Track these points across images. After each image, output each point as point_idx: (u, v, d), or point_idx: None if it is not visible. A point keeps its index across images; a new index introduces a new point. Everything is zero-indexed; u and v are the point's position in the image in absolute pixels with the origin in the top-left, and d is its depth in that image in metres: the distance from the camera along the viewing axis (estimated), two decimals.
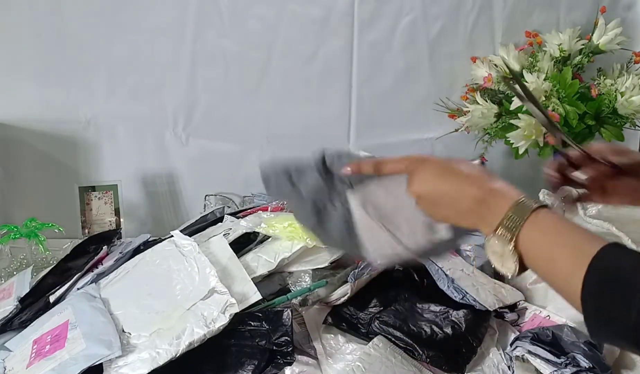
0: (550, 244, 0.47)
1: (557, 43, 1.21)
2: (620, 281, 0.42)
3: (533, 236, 0.48)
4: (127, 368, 0.72)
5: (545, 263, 0.48)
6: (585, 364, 0.72)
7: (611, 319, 0.42)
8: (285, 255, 0.91)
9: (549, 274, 0.48)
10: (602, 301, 0.43)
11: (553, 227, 0.48)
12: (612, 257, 0.43)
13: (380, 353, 0.79)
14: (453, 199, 0.54)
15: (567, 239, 0.47)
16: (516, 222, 0.48)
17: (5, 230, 1.15)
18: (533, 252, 0.48)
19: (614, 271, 0.42)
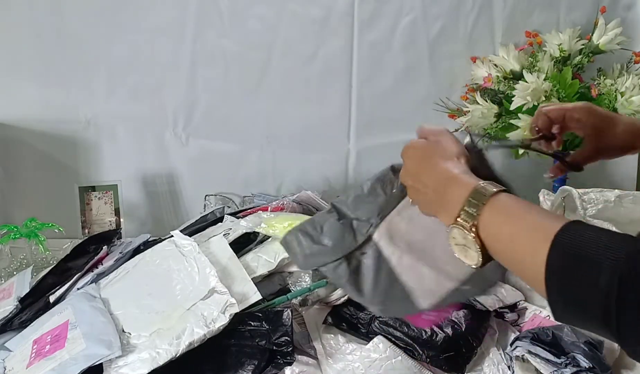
0: (510, 227, 0.46)
1: (557, 43, 1.21)
2: (584, 259, 0.40)
3: (493, 220, 0.46)
4: (127, 368, 0.72)
5: (507, 246, 0.46)
6: (585, 365, 0.72)
7: (577, 298, 0.40)
8: (285, 255, 0.91)
9: (512, 258, 0.46)
10: (566, 280, 0.41)
11: (513, 209, 0.46)
12: (574, 235, 0.41)
13: (380, 353, 0.79)
14: (422, 189, 0.55)
15: (528, 220, 0.45)
16: (475, 208, 0.47)
17: (5, 230, 1.15)
18: (494, 237, 0.47)
19: (577, 249, 0.40)
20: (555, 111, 0.71)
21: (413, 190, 0.57)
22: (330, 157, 1.38)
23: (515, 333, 0.87)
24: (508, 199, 0.47)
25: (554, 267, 0.41)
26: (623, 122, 0.70)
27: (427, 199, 0.54)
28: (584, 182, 1.33)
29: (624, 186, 1.35)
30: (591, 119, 0.69)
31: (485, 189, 0.48)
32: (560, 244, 0.41)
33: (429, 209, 0.55)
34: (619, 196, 0.95)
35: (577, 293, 0.40)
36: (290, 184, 1.39)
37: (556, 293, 0.41)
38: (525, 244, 0.44)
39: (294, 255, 0.67)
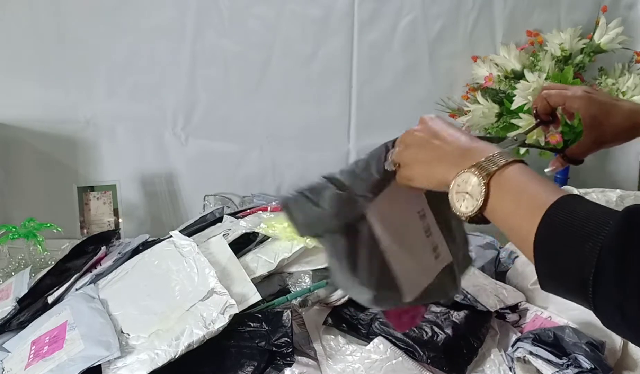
0: (516, 190, 0.47)
1: (558, 42, 1.21)
2: (569, 230, 0.41)
3: (504, 180, 0.47)
4: (125, 369, 0.71)
5: (506, 208, 0.47)
6: (586, 365, 0.71)
7: (559, 268, 0.42)
8: (285, 256, 0.91)
9: (507, 221, 0.47)
10: (551, 249, 0.42)
11: (523, 178, 0.47)
12: (565, 207, 0.43)
13: (380, 354, 0.79)
14: (443, 141, 0.54)
15: (532, 189, 0.46)
16: (493, 164, 0.48)
17: (4, 230, 1.14)
18: (499, 195, 0.47)
19: (565, 220, 0.42)
20: (554, 98, 0.70)
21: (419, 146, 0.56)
22: (330, 157, 1.38)
23: (516, 334, 0.86)
24: (524, 168, 0.49)
25: (542, 237, 0.43)
26: (622, 109, 0.68)
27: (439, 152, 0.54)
28: (585, 182, 1.33)
29: (625, 186, 1.34)
30: (591, 110, 0.68)
31: (506, 155, 0.49)
32: (550, 215, 0.43)
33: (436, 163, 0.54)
34: (621, 196, 0.95)
35: (559, 263, 0.42)
36: (290, 184, 1.38)
37: (542, 262, 0.43)
38: (524, 210, 0.45)
39: (294, 219, 0.65)
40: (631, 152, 1.38)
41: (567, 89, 0.70)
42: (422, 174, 0.56)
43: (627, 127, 0.67)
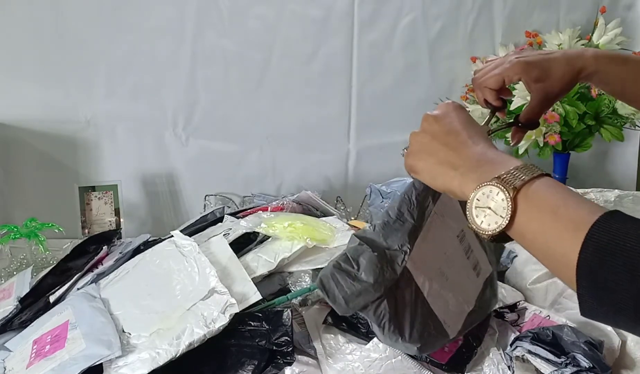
0: (548, 207, 0.42)
1: (557, 43, 1.21)
2: (619, 253, 0.38)
3: (533, 195, 0.43)
4: (127, 368, 0.72)
5: (537, 228, 0.43)
6: (585, 364, 0.72)
7: (610, 295, 0.38)
8: (285, 255, 0.91)
9: (538, 241, 0.43)
10: (600, 275, 0.39)
11: (555, 192, 0.43)
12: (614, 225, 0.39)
13: (380, 353, 0.79)
14: (459, 143, 0.51)
15: (567, 206, 0.42)
16: (521, 177, 0.44)
17: (5, 230, 1.15)
18: (529, 212, 0.43)
19: (616, 241, 0.38)
20: (493, 81, 0.67)
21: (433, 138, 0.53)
22: (330, 157, 1.38)
23: (515, 333, 0.87)
24: (553, 181, 0.45)
25: (588, 261, 0.39)
26: (559, 60, 0.65)
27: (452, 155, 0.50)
28: (583, 182, 1.33)
29: (623, 186, 1.35)
30: (530, 74, 0.65)
31: (533, 167, 0.45)
32: (594, 236, 0.39)
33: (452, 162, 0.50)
34: (619, 196, 0.95)
35: (611, 290, 0.38)
36: (290, 184, 1.39)
37: (589, 288, 0.39)
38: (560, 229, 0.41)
39: (335, 298, 0.62)
40: (629, 152, 1.38)
41: (497, 66, 0.67)
42: (428, 171, 0.53)
43: (570, 76, 0.65)
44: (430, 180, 0.53)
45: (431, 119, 0.56)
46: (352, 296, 0.61)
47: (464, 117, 0.55)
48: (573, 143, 1.22)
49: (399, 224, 0.62)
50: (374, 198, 1.21)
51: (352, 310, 0.64)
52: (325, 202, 1.18)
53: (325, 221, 1.04)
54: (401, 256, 0.61)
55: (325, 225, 1.01)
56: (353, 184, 1.39)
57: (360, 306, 0.62)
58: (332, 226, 1.01)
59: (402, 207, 0.62)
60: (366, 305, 0.62)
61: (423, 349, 0.64)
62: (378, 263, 0.61)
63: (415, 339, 0.63)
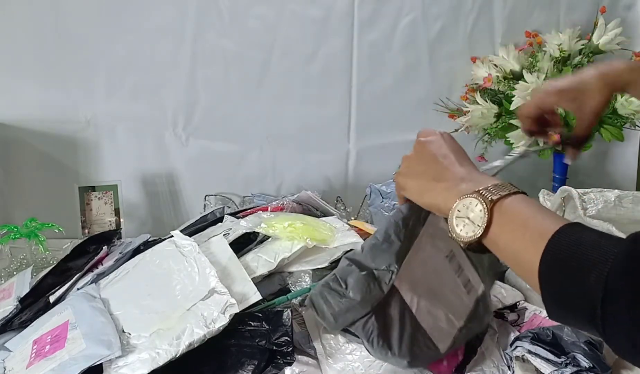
0: (518, 219, 0.47)
1: (557, 43, 1.21)
2: (574, 259, 0.41)
3: (507, 209, 0.48)
4: (126, 368, 0.72)
5: (507, 238, 0.47)
6: (585, 364, 0.72)
7: (566, 298, 0.41)
8: (285, 255, 0.91)
9: (508, 250, 0.47)
10: (557, 279, 0.42)
11: (526, 207, 0.48)
12: (568, 236, 0.43)
13: None
14: (447, 164, 0.56)
15: (534, 219, 0.46)
16: (498, 192, 0.49)
17: (5, 230, 1.15)
18: (501, 223, 0.48)
19: (569, 250, 0.42)
20: (533, 111, 0.73)
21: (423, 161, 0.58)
22: (330, 157, 1.38)
23: (515, 333, 0.87)
24: (526, 198, 0.49)
25: (547, 266, 0.42)
26: (590, 77, 0.69)
27: (440, 174, 0.55)
28: (583, 182, 1.33)
29: (623, 186, 1.35)
30: (566, 98, 0.70)
31: (509, 185, 0.50)
32: (553, 245, 0.42)
33: (435, 182, 0.55)
34: (619, 196, 0.95)
35: (566, 293, 0.41)
36: (290, 184, 1.39)
37: (548, 292, 0.43)
38: (527, 240, 0.45)
39: (323, 315, 0.67)
40: (629, 152, 1.38)
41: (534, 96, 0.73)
42: (416, 188, 0.58)
43: (605, 90, 0.68)
44: (418, 197, 0.58)
45: (423, 144, 0.60)
46: (340, 312, 0.66)
47: (452, 143, 0.60)
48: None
49: (387, 246, 0.66)
50: (374, 198, 1.21)
51: (340, 326, 0.68)
52: (325, 202, 1.18)
53: (325, 221, 1.04)
54: (389, 275, 0.65)
55: (325, 225, 1.01)
56: (353, 184, 1.39)
57: (349, 322, 0.66)
58: (332, 226, 1.01)
59: (389, 230, 0.66)
60: (354, 321, 0.66)
61: (413, 363, 0.67)
62: (365, 282, 0.65)
63: (404, 354, 0.66)
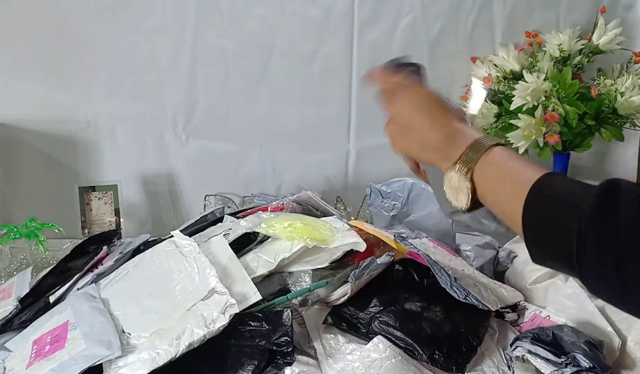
0: (498, 175, 0.50)
1: (557, 43, 1.21)
2: (553, 202, 0.44)
3: (485, 169, 0.51)
4: (126, 369, 0.72)
5: (493, 194, 0.51)
6: (585, 364, 0.72)
7: (546, 239, 0.44)
8: (285, 255, 0.91)
9: (497, 204, 0.51)
10: (538, 222, 0.45)
11: (503, 162, 0.51)
12: (549, 182, 0.46)
13: (380, 352, 0.79)
14: (423, 132, 0.58)
15: (513, 171, 0.50)
16: (472, 157, 0.52)
17: (5, 230, 1.15)
18: (483, 184, 0.51)
19: (549, 194, 0.45)
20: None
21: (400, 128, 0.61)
22: (330, 157, 1.38)
23: (515, 333, 0.87)
24: (502, 151, 0.52)
25: (529, 211, 0.45)
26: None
27: (427, 142, 0.58)
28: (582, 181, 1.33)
29: None
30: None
31: (483, 142, 0.53)
32: (535, 190, 0.45)
33: (424, 152, 0.59)
34: None
35: (546, 234, 0.44)
36: (290, 184, 1.39)
37: (530, 235, 0.46)
38: (507, 193, 0.49)
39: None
40: (629, 152, 1.38)
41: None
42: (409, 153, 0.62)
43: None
44: (416, 159, 0.62)
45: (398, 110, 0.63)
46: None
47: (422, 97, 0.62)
48: (573, 143, 1.21)
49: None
50: (374, 198, 1.21)
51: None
52: (325, 202, 1.18)
53: (325, 221, 1.04)
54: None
55: (325, 225, 1.01)
56: (353, 184, 1.39)
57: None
58: (332, 226, 1.01)
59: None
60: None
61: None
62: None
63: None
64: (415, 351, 0.80)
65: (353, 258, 0.95)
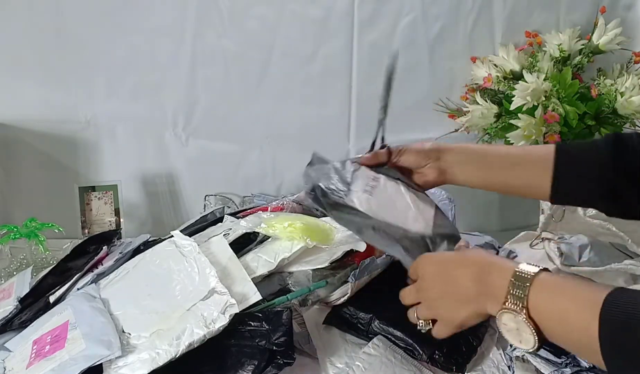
0: (559, 303, 0.47)
1: (557, 43, 1.21)
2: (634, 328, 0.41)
3: (541, 299, 0.48)
4: (126, 369, 0.72)
5: (558, 324, 0.47)
6: (585, 364, 0.72)
7: (632, 359, 0.42)
8: (285, 255, 0.91)
9: (565, 335, 0.48)
10: (621, 352, 0.42)
11: (557, 286, 0.48)
12: (619, 305, 0.43)
13: (380, 352, 0.79)
14: (453, 293, 0.57)
15: (574, 295, 0.47)
16: (522, 290, 0.48)
17: (5, 230, 1.15)
18: (544, 315, 0.48)
19: (626, 320, 0.42)
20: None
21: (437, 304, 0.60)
22: (330, 157, 1.38)
23: None
24: (550, 277, 0.49)
25: (607, 343, 0.43)
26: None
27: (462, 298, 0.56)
28: None
29: None
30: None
31: (526, 272, 0.50)
32: (607, 319, 0.43)
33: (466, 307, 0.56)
34: None
35: (635, 363, 0.42)
36: (290, 184, 1.39)
37: (616, 368, 0.43)
38: (575, 323, 0.46)
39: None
40: None
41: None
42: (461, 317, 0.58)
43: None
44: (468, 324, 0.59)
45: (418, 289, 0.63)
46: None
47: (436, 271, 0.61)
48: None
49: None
50: None
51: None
52: None
53: (325, 221, 1.04)
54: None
55: (325, 225, 1.01)
56: None
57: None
58: (332, 226, 1.01)
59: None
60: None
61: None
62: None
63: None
64: (415, 351, 0.80)
65: (353, 258, 0.95)
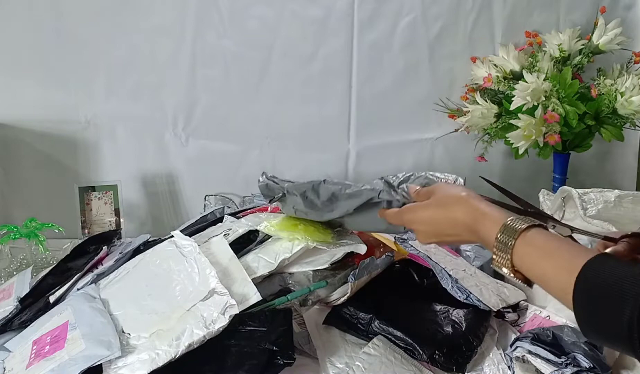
0: (540, 261, 0.50)
1: (557, 43, 1.21)
2: (607, 292, 0.44)
3: (525, 254, 0.51)
4: (126, 369, 0.72)
5: (539, 279, 0.51)
6: (585, 364, 0.72)
7: (604, 329, 0.44)
8: (286, 256, 0.91)
9: (546, 288, 0.51)
10: (592, 313, 0.45)
11: (542, 244, 0.51)
12: (598, 269, 0.45)
13: (380, 352, 0.79)
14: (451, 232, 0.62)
15: (557, 255, 0.49)
16: (507, 244, 0.52)
17: (5, 230, 1.15)
18: (527, 270, 0.51)
19: (600, 283, 0.44)
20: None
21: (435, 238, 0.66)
22: (330, 157, 1.38)
23: (515, 333, 0.87)
24: (537, 233, 0.52)
25: (580, 302, 0.45)
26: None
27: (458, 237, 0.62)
28: (583, 182, 1.33)
29: (623, 186, 1.35)
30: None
31: (515, 224, 0.53)
32: (584, 279, 0.45)
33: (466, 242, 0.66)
34: (619, 196, 0.95)
35: (603, 325, 0.44)
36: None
37: (586, 324, 0.46)
38: (555, 281, 0.49)
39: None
40: (629, 153, 1.38)
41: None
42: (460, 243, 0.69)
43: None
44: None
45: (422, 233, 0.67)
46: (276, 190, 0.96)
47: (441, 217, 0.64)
48: (573, 143, 1.21)
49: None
50: None
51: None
52: None
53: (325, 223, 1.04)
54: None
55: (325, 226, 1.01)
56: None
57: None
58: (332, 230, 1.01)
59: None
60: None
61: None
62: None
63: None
64: (415, 351, 0.80)
65: (353, 259, 0.95)
